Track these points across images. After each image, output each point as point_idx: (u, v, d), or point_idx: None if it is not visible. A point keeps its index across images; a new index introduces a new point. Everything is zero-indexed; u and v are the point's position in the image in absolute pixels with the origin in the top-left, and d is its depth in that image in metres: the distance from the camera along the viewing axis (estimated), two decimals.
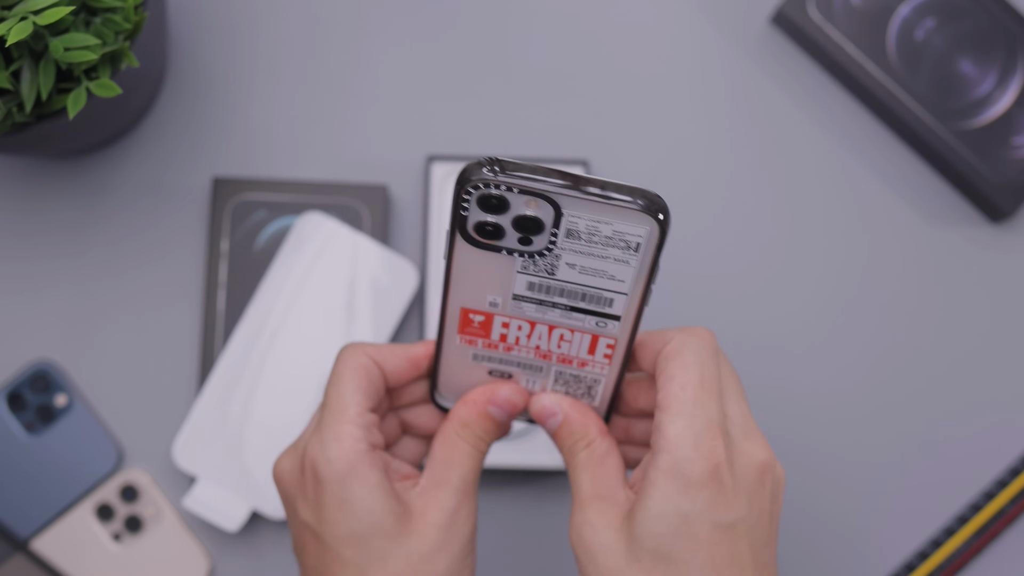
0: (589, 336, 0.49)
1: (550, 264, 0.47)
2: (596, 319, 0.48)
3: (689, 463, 0.46)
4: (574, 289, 0.48)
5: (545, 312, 0.49)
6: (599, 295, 0.48)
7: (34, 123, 0.60)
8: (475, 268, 0.48)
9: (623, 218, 0.45)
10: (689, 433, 0.46)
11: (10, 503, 0.68)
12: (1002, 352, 0.72)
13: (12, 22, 0.55)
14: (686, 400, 0.47)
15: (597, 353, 0.50)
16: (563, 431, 0.51)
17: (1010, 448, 0.71)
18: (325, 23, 0.73)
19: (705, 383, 0.48)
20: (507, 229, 0.46)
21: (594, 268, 0.47)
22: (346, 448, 0.48)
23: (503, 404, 0.52)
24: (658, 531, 0.46)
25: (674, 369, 0.48)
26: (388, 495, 0.49)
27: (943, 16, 0.71)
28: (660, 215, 0.44)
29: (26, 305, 0.71)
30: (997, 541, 0.70)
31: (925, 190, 0.73)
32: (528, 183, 0.44)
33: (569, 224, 0.45)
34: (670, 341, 0.49)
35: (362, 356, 0.51)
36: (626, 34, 0.74)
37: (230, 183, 0.70)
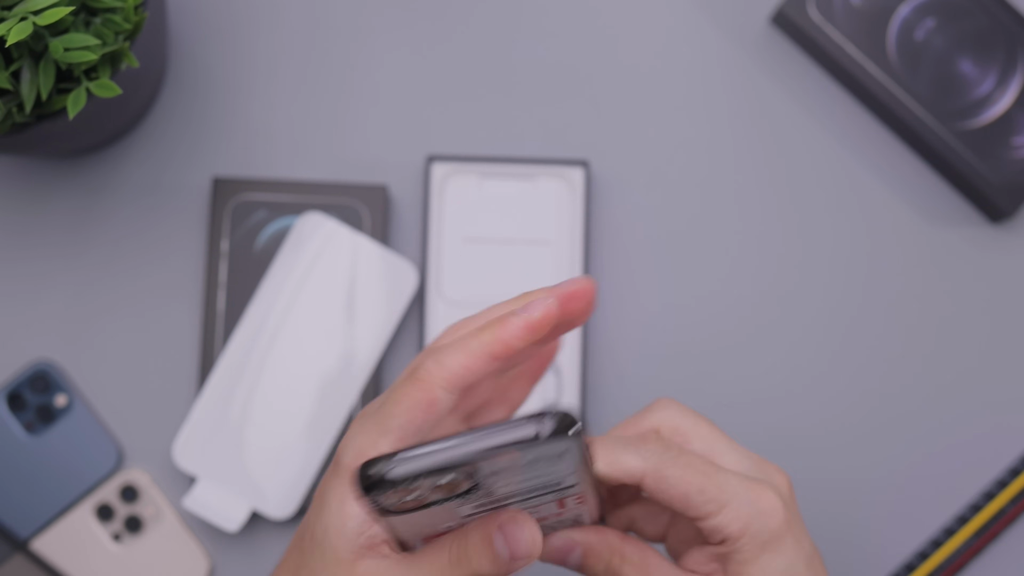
0: (555, 503, 0.47)
1: (486, 492, 0.44)
2: (553, 494, 0.47)
3: (767, 528, 0.48)
4: (520, 490, 0.45)
5: (505, 505, 0.47)
6: (546, 484, 0.45)
7: (34, 123, 0.60)
8: (415, 520, 0.46)
9: (536, 449, 0.42)
10: (746, 508, 0.48)
11: (10, 503, 0.68)
12: (1002, 352, 0.72)
13: (12, 22, 0.55)
14: (715, 495, 0.49)
15: (568, 505, 0.48)
16: (590, 560, 0.50)
17: (1010, 448, 0.71)
18: (325, 23, 0.73)
19: (707, 473, 0.49)
20: (430, 497, 0.44)
21: (529, 480, 0.45)
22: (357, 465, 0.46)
23: (510, 540, 0.46)
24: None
25: (678, 488, 0.49)
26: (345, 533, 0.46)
27: (943, 16, 0.71)
28: (569, 431, 0.41)
29: (26, 305, 0.71)
30: (997, 541, 0.70)
31: (925, 190, 0.73)
32: (434, 465, 0.42)
33: (490, 469, 0.43)
34: (642, 472, 0.49)
35: (435, 387, 0.46)
36: (626, 34, 0.74)
37: (230, 183, 0.70)
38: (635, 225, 0.72)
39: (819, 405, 0.71)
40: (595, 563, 0.50)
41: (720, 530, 0.48)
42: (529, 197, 0.71)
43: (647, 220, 0.72)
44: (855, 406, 0.71)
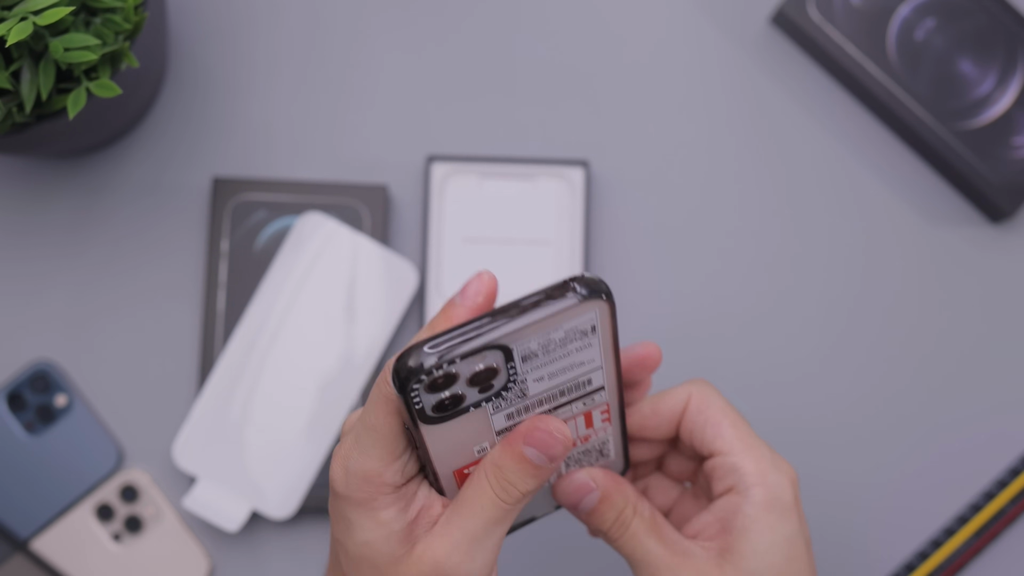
0: (582, 416, 0.48)
1: (519, 391, 0.45)
2: (582, 400, 0.47)
3: (781, 489, 0.49)
4: (551, 394, 0.46)
5: None
6: (576, 383, 0.46)
7: (34, 123, 0.60)
8: (450, 437, 0.46)
9: (569, 317, 0.43)
10: (768, 464, 0.49)
11: (10, 503, 0.68)
12: (1002, 352, 0.72)
13: (12, 22, 0.55)
14: (747, 436, 0.50)
15: (595, 423, 0.49)
16: (603, 505, 0.50)
17: (1010, 448, 0.71)
18: (325, 23, 0.73)
19: (744, 421, 0.51)
20: (465, 392, 0.44)
21: (561, 368, 0.45)
22: (371, 487, 0.45)
23: (540, 444, 0.45)
24: (775, 561, 0.48)
25: (716, 414, 0.51)
26: (390, 538, 0.45)
27: (943, 16, 0.71)
28: (603, 295, 0.43)
29: (26, 305, 0.71)
30: (997, 541, 0.70)
31: (925, 190, 0.73)
32: (468, 346, 0.42)
33: (523, 352, 0.43)
34: (688, 398, 0.51)
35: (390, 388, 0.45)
36: (626, 34, 0.74)
37: (230, 183, 0.70)
38: (635, 225, 0.72)
39: (819, 405, 0.71)
40: (607, 510, 0.50)
41: (738, 470, 0.49)
42: (529, 197, 0.71)
43: (647, 220, 0.72)
44: (855, 406, 0.71)
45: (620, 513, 0.50)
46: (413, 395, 0.43)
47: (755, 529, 0.48)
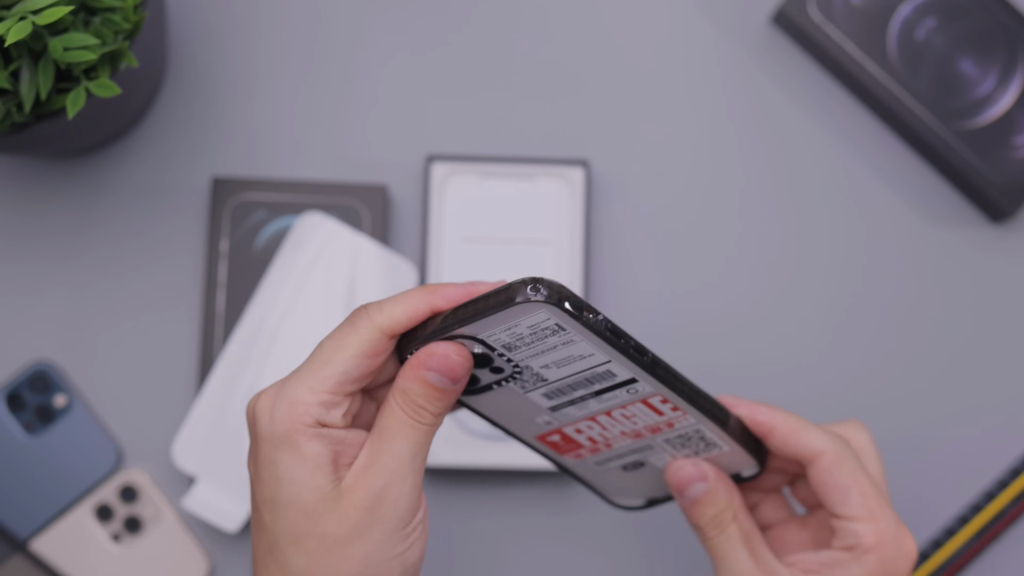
0: (640, 403, 0.49)
1: (533, 375, 0.47)
2: (623, 389, 0.48)
3: (897, 565, 0.50)
4: (574, 380, 0.48)
5: (586, 406, 0.49)
6: (594, 373, 0.47)
7: (33, 123, 0.61)
8: (499, 406, 0.50)
9: (518, 315, 0.44)
10: (891, 537, 0.51)
11: (9, 503, 0.68)
12: (1003, 352, 0.72)
13: (11, 22, 0.55)
14: (875, 506, 0.51)
15: (664, 411, 0.49)
16: (707, 498, 0.51)
17: (1011, 448, 0.71)
18: (325, 23, 0.73)
19: (877, 488, 0.51)
20: (476, 373, 0.48)
21: (560, 359, 0.46)
22: (295, 414, 0.45)
23: (439, 367, 0.46)
24: None
25: (847, 480, 0.51)
26: (319, 471, 0.45)
27: (944, 16, 0.71)
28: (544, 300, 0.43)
29: (25, 305, 0.71)
30: (998, 541, 0.70)
31: (926, 190, 0.73)
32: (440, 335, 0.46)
33: (497, 341, 0.45)
34: (822, 452, 0.51)
35: (376, 334, 0.46)
36: (626, 34, 0.74)
37: (230, 183, 0.70)
38: (635, 225, 0.72)
39: (818, 404, 0.71)
40: (710, 505, 0.51)
41: (858, 536, 0.50)
42: (529, 197, 0.71)
43: (647, 220, 0.72)
44: (854, 405, 0.71)
45: (721, 512, 0.51)
46: None
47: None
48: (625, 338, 0.45)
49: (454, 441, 0.69)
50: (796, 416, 0.53)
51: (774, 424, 0.52)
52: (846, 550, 0.51)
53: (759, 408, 0.52)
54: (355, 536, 0.45)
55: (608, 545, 0.70)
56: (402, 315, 0.46)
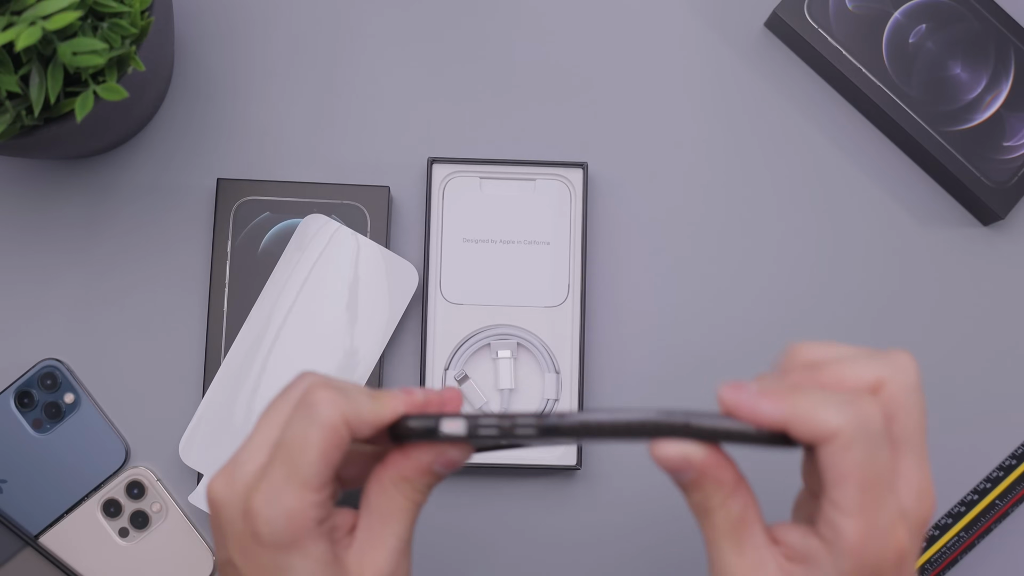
0: None
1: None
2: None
3: (875, 567, 0.44)
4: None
5: None
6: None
7: (42, 126, 0.61)
8: None
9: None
10: (875, 540, 0.44)
11: (19, 499, 0.69)
12: (993, 353, 0.72)
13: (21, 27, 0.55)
14: (867, 504, 0.44)
15: None
16: (691, 486, 0.46)
17: (1001, 446, 0.71)
18: (328, 27, 0.74)
19: (881, 478, 0.44)
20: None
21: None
22: (296, 526, 0.45)
23: (449, 464, 0.47)
24: None
25: (846, 468, 0.43)
26: (328, 567, 0.46)
27: (935, 21, 0.72)
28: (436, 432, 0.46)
29: (34, 305, 0.71)
30: (988, 536, 0.71)
31: (918, 193, 0.73)
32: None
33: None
34: (835, 434, 0.43)
35: (339, 418, 0.45)
36: (624, 37, 0.74)
37: (234, 185, 0.71)
38: (633, 226, 0.72)
39: None
40: (693, 492, 0.46)
41: (836, 529, 0.44)
42: (529, 198, 0.71)
43: (645, 221, 0.72)
44: None
45: (705, 499, 0.46)
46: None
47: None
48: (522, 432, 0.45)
49: None
50: (808, 391, 0.44)
51: (783, 418, 0.44)
52: (827, 542, 0.44)
53: (762, 403, 0.44)
54: None
55: (609, 542, 0.70)
56: (371, 418, 0.46)
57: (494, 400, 0.69)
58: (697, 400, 0.71)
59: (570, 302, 0.70)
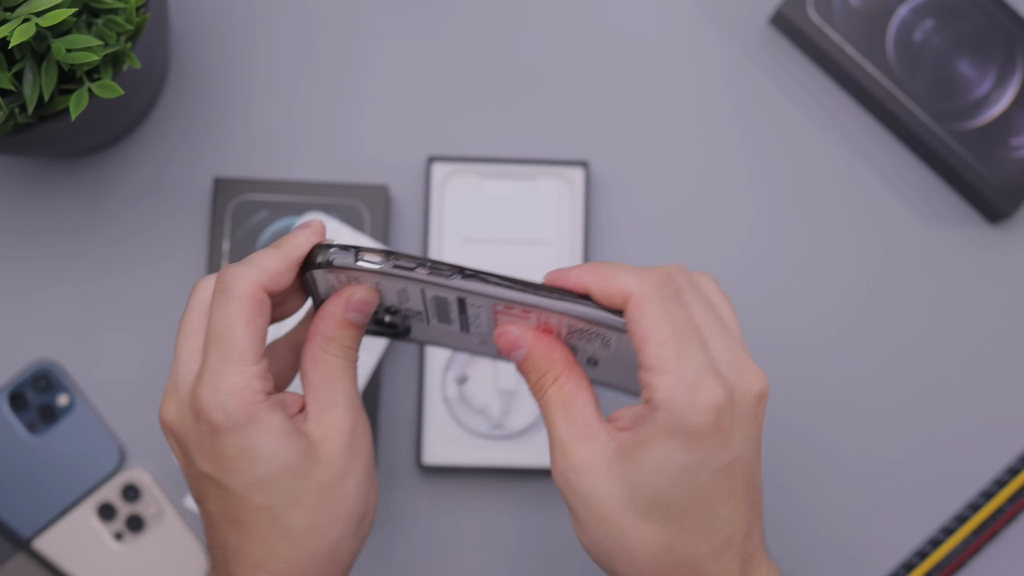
0: (502, 312, 0.51)
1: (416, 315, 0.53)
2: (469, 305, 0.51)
3: (690, 419, 0.46)
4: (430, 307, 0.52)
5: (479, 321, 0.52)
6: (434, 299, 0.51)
7: (36, 124, 0.61)
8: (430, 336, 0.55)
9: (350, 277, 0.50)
10: (683, 389, 0.46)
11: (12, 502, 0.68)
12: (1001, 352, 0.72)
13: (15, 24, 0.55)
14: (668, 356, 0.47)
15: (528, 318, 0.51)
16: (527, 364, 0.51)
17: (1008, 448, 0.71)
18: (326, 24, 0.73)
19: (680, 333, 0.47)
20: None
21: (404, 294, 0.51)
22: (245, 401, 0.47)
23: (359, 307, 0.50)
24: (658, 483, 0.47)
25: (645, 328, 0.47)
26: (290, 435, 0.48)
27: (941, 17, 0.72)
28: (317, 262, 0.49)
29: (28, 305, 0.71)
30: (995, 540, 0.71)
31: (924, 191, 0.73)
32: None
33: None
34: (629, 295, 0.48)
35: (252, 286, 0.48)
36: (626, 35, 0.74)
37: (231, 183, 0.70)
38: (634, 225, 0.72)
39: (817, 406, 0.71)
40: (531, 371, 0.50)
41: (651, 389, 0.47)
42: (529, 197, 0.71)
43: (646, 220, 0.72)
44: (852, 406, 0.71)
45: (540, 378, 0.50)
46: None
47: (650, 448, 0.47)
48: (413, 265, 0.49)
49: (454, 441, 0.69)
50: (612, 264, 0.49)
51: (586, 283, 0.49)
52: (646, 403, 0.47)
53: (569, 274, 0.49)
54: (345, 476, 0.49)
55: None
56: (274, 267, 0.49)
57: (495, 403, 0.69)
58: None
59: None
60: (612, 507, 0.47)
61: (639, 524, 0.47)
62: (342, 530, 0.49)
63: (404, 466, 0.70)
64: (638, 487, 0.47)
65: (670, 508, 0.47)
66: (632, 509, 0.47)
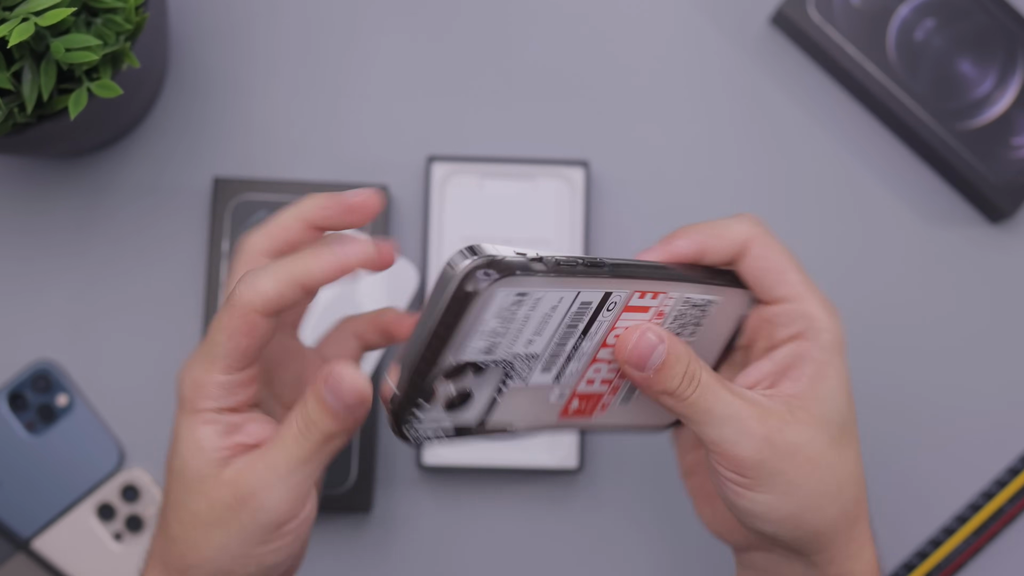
0: (624, 312, 0.48)
1: (523, 360, 0.47)
2: (603, 310, 0.47)
3: (841, 333, 0.50)
4: (560, 336, 0.47)
5: (582, 353, 0.48)
6: (572, 315, 0.47)
7: (35, 124, 0.61)
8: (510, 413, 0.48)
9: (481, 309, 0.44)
10: (830, 308, 0.50)
11: (11, 503, 0.68)
12: (1001, 352, 0.72)
13: (14, 23, 0.55)
14: (808, 284, 0.50)
15: (649, 305, 0.48)
16: (671, 359, 0.47)
17: (1009, 448, 0.71)
18: (326, 24, 0.73)
19: (801, 267, 0.51)
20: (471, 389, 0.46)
21: (537, 325, 0.46)
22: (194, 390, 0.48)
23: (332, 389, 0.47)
24: (841, 405, 0.49)
25: (781, 263, 0.50)
26: (200, 453, 0.47)
27: (942, 16, 0.72)
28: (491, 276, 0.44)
29: (27, 305, 0.71)
30: (996, 540, 0.70)
31: (925, 190, 0.73)
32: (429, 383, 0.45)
33: (475, 352, 0.45)
34: (747, 237, 0.50)
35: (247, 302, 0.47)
36: (626, 34, 0.74)
37: (231, 183, 0.70)
38: (635, 225, 0.72)
39: None
40: (675, 363, 0.47)
41: (808, 316, 0.49)
42: (529, 197, 0.71)
43: (647, 220, 0.72)
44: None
45: (688, 366, 0.47)
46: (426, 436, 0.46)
47: (827, 373, 0.49)
48: (577, 262, 0.45)
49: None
50: (701, 224, 0.52)
51: (699, 242, 0.51)
52: (798, 339, 0.49)
53: (676, 242, 0.51)
54: (217, 524, 0.47)
55: (609, 545, 0.70)
56: (273, 292, 0.47)
57: None
58: None
59: None
60: (818, 448, 0.48)
61: (841, 452, 0.49)
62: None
63: (405, 466, 0.70)
64: (828, 418, 0.49)
65: (850, 424, 0.49)
66: (833, 442, 0.48)
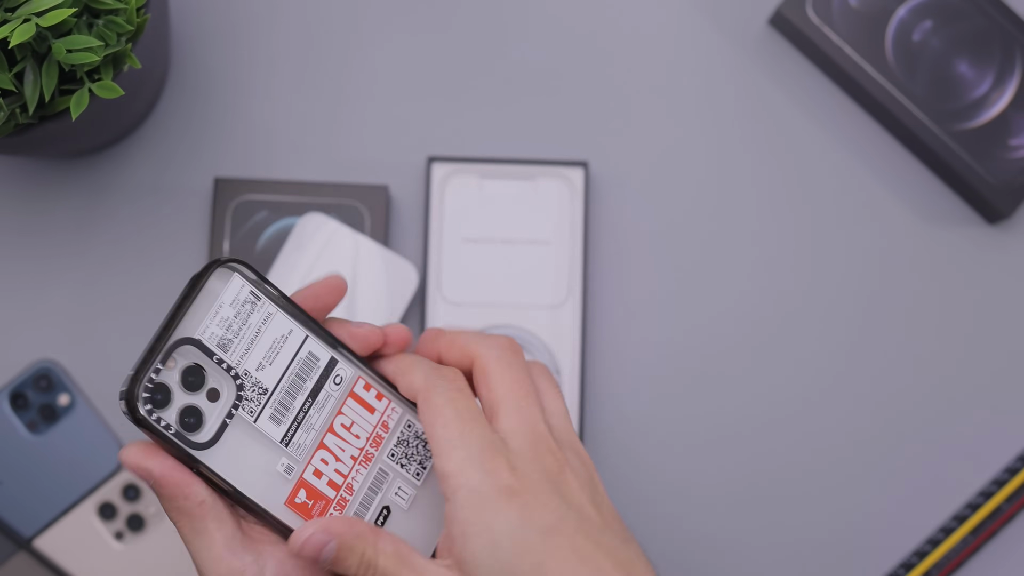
0: (350, 398, 0.49)
1: (254, 385, 0.47)
2: (330, 381, 0.48)
3: (487, 486, 0.46)
4: (290, 382, 0.48)
5: (311, 424, 0.48)
6: (301, 361, 0.48)
7: (37, 124, 0.61)
8: (238, 461, 0.47)
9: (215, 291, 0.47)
10: (474, 461, 0.46)
11: (13, 502, 0.68)
12: (999, 352, 0.72)
13: (15, 24, 0.55)
14: (453, 437, 0.47)
15: (373, 404, 0.50)
16: (343, 553, 0.47)
17: (1007, 448, 0.71)
18: (326, 24, 0.73)
19: (463, 415, 0.47)
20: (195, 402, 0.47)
21: (268, 347, 0.47)
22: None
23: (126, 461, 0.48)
24: (504, 559, 0.45)
25: (429, 418, 0.48)
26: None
27: (940, 18, 0.72)
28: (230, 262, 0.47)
29: (29, 305, 0.71)
30: (993, 540, 0.71)
31: (923, 191, 0.73)
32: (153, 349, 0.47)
33: (212, 338, 0.47)
34: (420, 390, 0.49)
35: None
36: (625, 35, 0.74)
37: (231, 184, 0.70)
38: (634, 225, 0.72)
39: (815, 403, 0.71)
40: (348, 556, 0.47)
41: (442, 474, 0.47)
42: (529, 197, 0.71)
43: (646, 220, 0.72)
44: (852, 405, 0.71)
45: (362, 556, 0.47)
46: (155, 419, 0.46)
47: (471, 534, 0.45)
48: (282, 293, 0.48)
49: None
50: (410, 356, 0.51)
51: (394, 375, 0.50)
52: (447, 502, 0.46)
53: (386, 366, 0.51)
54: None
55: None
56: None
57: None
58: (699, 398, 0.71)
59: (571, 302, 0.70)
60: None
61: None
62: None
63: None
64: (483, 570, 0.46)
65: (522, 566, 0.45)
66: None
